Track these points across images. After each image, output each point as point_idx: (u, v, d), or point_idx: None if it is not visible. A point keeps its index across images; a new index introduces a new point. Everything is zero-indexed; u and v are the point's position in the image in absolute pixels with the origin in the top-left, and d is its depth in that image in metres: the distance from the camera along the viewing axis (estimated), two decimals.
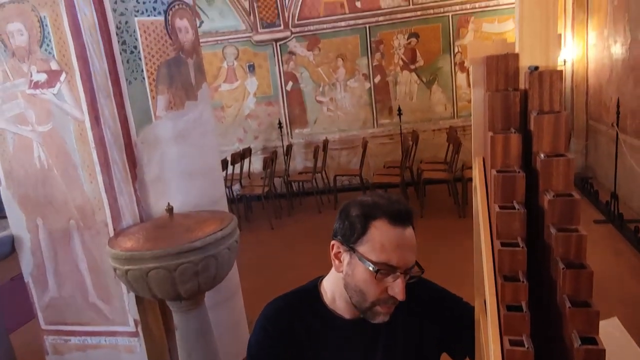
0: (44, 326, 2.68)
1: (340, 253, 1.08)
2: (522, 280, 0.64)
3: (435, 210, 5.85)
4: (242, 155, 6.97)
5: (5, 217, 2.60)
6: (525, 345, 0.60)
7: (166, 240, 2.08)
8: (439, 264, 2.80)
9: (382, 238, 1.00)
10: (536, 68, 0.73)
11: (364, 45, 7.22)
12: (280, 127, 7.36)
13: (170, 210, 2.28)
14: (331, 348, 1.13)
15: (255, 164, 7.35)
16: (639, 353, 1.20)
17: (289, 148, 7.19)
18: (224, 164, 6.20)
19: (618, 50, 5.22)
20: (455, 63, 7.11)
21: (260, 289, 2.94)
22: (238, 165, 6.78)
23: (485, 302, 0.75)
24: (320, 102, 7.48)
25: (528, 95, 0.73)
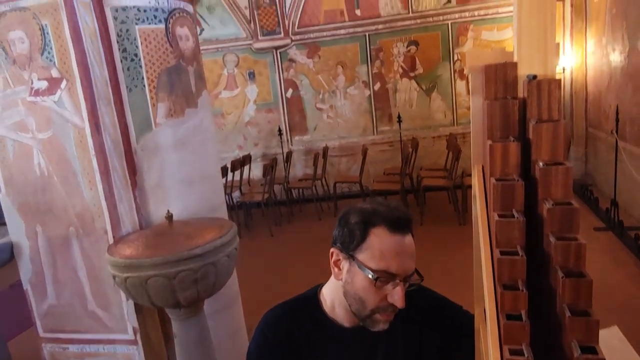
0: (42, 334, 2.66)
1: (339, 261, 1.08)
2: (522, 289, 0.64)
3: (435, 218, 5.84)
4: (242, 162, 6.97)
5: (4, 224, 2.60)
6: (525, 355, 0.59)
7: (165, 248, 2.07)
8: (438, 271, 2.79)
9: (382, 245, 1.00)
10: (534, 77, 0.73)
11: (364, 52, 7.25)
12: (280, 134, 7.37)
13: (169, 217, 2.27)
14: (330, 356, 1.13)
15: (255, 171, 7.36)
16: None
17: (289, 155, 7.20)
18: (224, 170, 6.20)
19: (617, 57, 5.24)
20: (454, 70, 7.14)
21: (259, 297, 2.93)
22: (238, 172, 6.78)
23: (485, 311, 0.75)
24: (320, 110, 7.50)
25: (527, 104, 0.74)
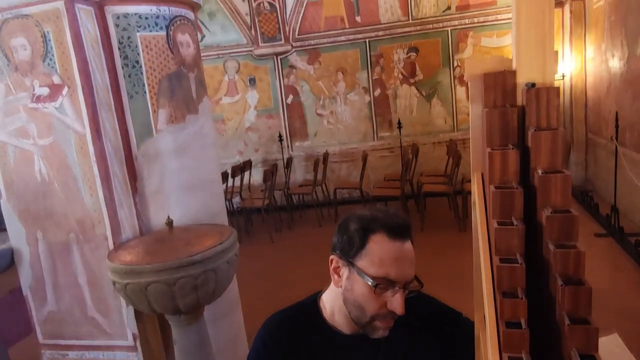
0: (42, 340, 2.66)
1: (339, 268, 1.08)
2: (521, 297, 0.64)
3: (435, 224, 5.84)
4: (243, 167, 6.98)
5: (5, 230, 2.60)
6: None
7: (165, 254, 2.07)
8: (439, 278, 2.79)
9: (381, 252, 1.00)
10: (533, 85, 0.74)
11: (364, 59, 7.28)
12: (281, 140, 7.39)
13: (170, 223, 2.28)
14: None
15: (256, 177, 7.36)
16: None
17: (289, 161, 7.21)
18: (224, 176, 6.21)
19: (616, 64, 5.26)
20: (454, 77, 7.17)
21: (259, 303, 2.92)
22: (238, 178, 6.78)
23: (485, 318, 0.75)
24: (320, 115, 7.52)
25: (526, 112, 0.74)
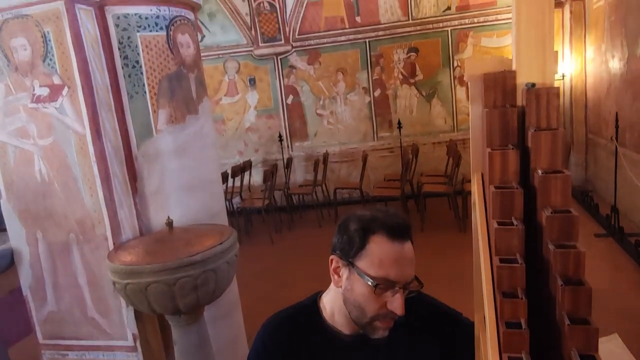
0: (41, 340, 2.66)
1: (339, 268, 1.08)
2: (521, 297, 0.64)
3: (435, 224, 5.84)
4: (243, 168, 6.98)
5: (4, 230, 2.60)
6: None
7: (165, 254, 2.07)
8: (439, 278, 2.79)
9: (381, 253, 1.00)
10: (533, 85, 0.74)
11: (364, 59, 7.28)
12: (281, 140, 7.39)
13: (170, 223, 2.28)
14: None
15: (256, 177, 7.36)
16: None
17: (289, 161, 7.21)
18: (224, 176, 6.21)
19: (616, 64, 5.26)
20: (454, 77, 7.16)
21: (259, 304, 2.92)
22: (238, 178, 6.78)
23: (485, 318, 0.75)
24: (320, 116, 7.52)
25: (525, 112, 0.74)
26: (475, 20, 6.95)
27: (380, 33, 7.16)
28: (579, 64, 6.59)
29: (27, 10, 2.16)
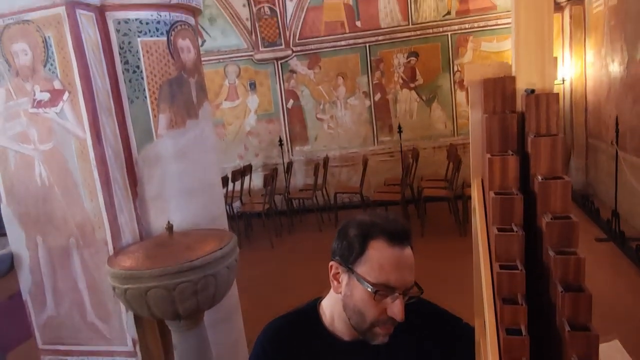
0: (41, 345, 2.65)
1: (338, 274, 1.08)
2: (521, 303, 0.64)
3: (436, 229, 5.83)
4: (243, 172, 6.98)
5: (4, 235, 2.59)
6: None
7: (165, 259, 2.07)
8: (439, 283, 2.78)
9: (381, 258, 1.00)
10: (532, 91, 0.74)
11: (364, 63, 7.29)
12: (281, 144, 7.39)
13: (170, 228, 2.27)
14: None
15: (256, 181, 7.36)
16: None
17: (290, 165, 7.21)
18: (225, 180, 6.21)
19: (616, 68, 5.27)
20: (454, 81, 7.18)
21: (259, 309, 2.91)
22: (238, 182, 6.78)
23: (485, 324, 0.75)
24: (320, 120, 7.53)
25: (525, 118, 0.74)
26: (475, 24, 6.96)
27: (381, 37, 7.18)
28: (579, 67, 6.60)
29: (28, 15, 2.17)
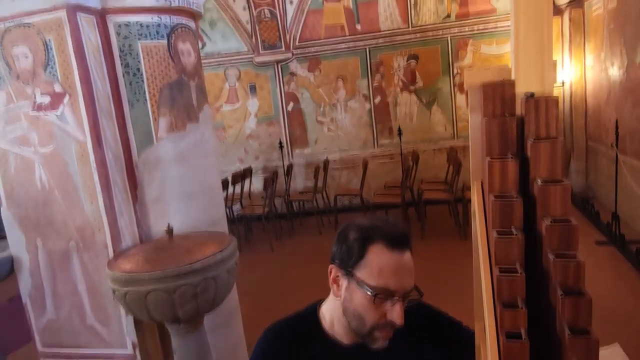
0: (40, 348, 2.64)
1: (338, 278, 1.08)
2: (521, 307, 0.64)
3: (436, 232, 5.83)
4: (243, 175, 6.98)
5: (4, 238, 2.59)
6: None
7: (165, 262, 2.07)
8: (439, 286, 2.77)
9: (380, 262, 1.00)
10: (532, 95, 0.74)
11: (364, 66, 7.30)
12: (281, 147, 7.39)
13: (170, 231, 2.27)
14: None
15: (256, 184, 7.36)
16: None
17: (290, 168, 7.21)
18: (225, 183, 6.20)
19: (615, 72, 5.27)
20: (454, 84, 7.18)
21: (259, 312, 2.91)
22: (239, 185, 6.78)
23: (485, 328, 0.75)
24: (320, 123, 7.53)
25: (525, 122, 0.74)
26: (475, 27, 6.98)
27: (381, 40, 7.19)
28: (578, 71, 6.61)
29: (29, 19, 2.17)
